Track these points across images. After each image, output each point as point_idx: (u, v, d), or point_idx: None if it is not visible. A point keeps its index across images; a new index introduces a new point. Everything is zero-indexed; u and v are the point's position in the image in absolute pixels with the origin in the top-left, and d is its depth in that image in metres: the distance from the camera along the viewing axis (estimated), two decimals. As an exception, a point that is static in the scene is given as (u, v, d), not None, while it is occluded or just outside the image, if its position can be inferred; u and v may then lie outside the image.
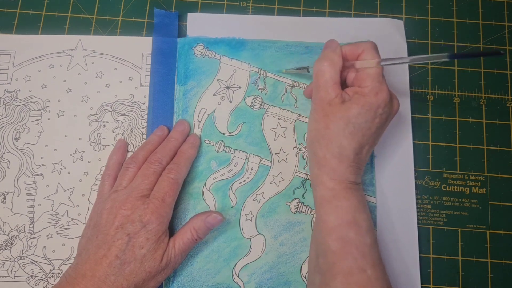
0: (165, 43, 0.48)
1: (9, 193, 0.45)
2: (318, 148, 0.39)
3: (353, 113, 0.37)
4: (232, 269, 0.43)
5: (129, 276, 0.37)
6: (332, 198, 0.38)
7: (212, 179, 0.45)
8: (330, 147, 0.38)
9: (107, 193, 0.41)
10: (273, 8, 0.51)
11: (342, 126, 0.38)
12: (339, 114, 0.38)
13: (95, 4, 0.50)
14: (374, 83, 0.38)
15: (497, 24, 0.51)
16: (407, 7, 0.51)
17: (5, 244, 0.44)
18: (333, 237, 0.36)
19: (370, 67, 0.39)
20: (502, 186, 0.47)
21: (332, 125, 0.38)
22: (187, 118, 0.46)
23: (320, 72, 0.39)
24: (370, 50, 0.39)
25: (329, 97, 0.38)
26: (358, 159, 0.39)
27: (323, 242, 0.37)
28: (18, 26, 0.49)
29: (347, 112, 0.38)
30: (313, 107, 0.40)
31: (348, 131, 0.38)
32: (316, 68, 0.40)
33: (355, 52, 0.40)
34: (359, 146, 0.38)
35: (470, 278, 0.44)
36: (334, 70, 0.39)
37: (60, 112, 0.47)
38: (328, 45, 0.41)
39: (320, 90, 0.39)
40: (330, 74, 0.39)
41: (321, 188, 0.39)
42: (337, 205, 0.37)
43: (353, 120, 0.37)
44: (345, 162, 0.38)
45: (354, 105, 0.38)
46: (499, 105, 0.49)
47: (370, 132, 0.38)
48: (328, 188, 0.38)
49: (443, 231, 0.45)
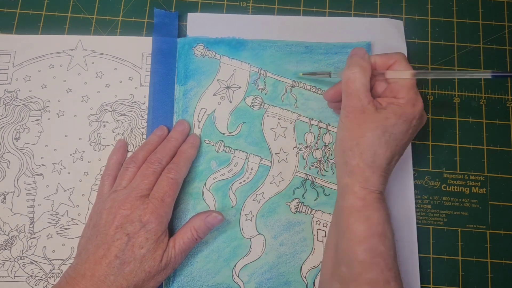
0: (165, 43, 0.48)
1: (9, 193, 0.45)
2: (351, 156, 0.38)
3: (391, 122, 0.37)
4: (232, 269, 0.43)
5: (129, 276, 0.37)
6: (362, 207, 0.37)
7: (212, 179, 0.45)
8: (365, 155, 0.37)
9: (106, 193, 0.41)
10: (273, 8, 0.51)
11: (378, 134, 0.37)
12: (376, 123, 0.37)
13: (95, 4, 0.50)
14: (410, 95, 0.38)
15: (497, 24, 0.51)
16: (407, 7, 0.51)
17: (5, 244, 0.44)
18: (362, 247, 0.36)
19: (405, 78, 0.38)
20: (502, 186, 0.47)
21: (368, 134, 0.37)
22: (187, 118, 0.46)
23: (351, 79, 0.39)
24: (402, 61, 0.39)
25: (361, 104, 0.38)
26: (388, 169, 0.38)
27: (349, 251, 0.37)
28: (18, 26, 0.49)
29: (385, 121, 0.37)
30: (344, 115, 0.39)
31: (384, 140, 0.37)
32: (347, 76, 0.39)
33: (386, 62, 0.40)
34: (391, 155, 0.38)
35: (470, 278, 0.44)
36: (365, 77, 0.39)
37: (60, 112, 0.47)
38: (356, 52, 0.40)
39: (352, 98, 0.38)
40: (361, 80, 0.38)
41: (351, 197, 0.38)
42: (368, 215, 0.37)
43: (390, 129, 0.37)
44: (378, 171, 0.38)
45: (391, 115, 0.37)
46: (499, 105, 0.49)
47: (402, 142, 0.38)
48: (359, 198, 0.37)
49: (443, 231, 0.45)
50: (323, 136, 0.46)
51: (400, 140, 0.38)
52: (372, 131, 0.37)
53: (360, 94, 0.38)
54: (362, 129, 0.38)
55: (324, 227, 0.44)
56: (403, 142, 0.38)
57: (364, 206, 0.37)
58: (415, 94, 0.38)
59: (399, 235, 0.44)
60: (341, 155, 0.39)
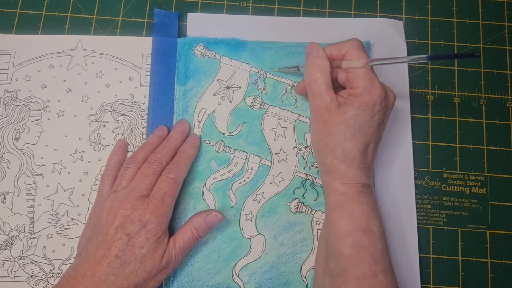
0: (165, 43, 0.48)
1: (9, 193, 0.45)
2: (324, 156, 0.39)
3: (351, 115, 0.37)
4: (232, 269, 0.43)
5: (129, 276, 0.37)
6: (344, 202, 0.38)
7: (212, 179, 0.45)
8: (335, 152, 0.38)
9: (106, 193, 0.41)
10: (273, 8, 0.51)
11: (342, 130, 0.38)
12: (338, 118, 0.38)
13: (95, 4, 0.50)
14: (365, 82, 0.38)
15: (497, 24, 0.51)
16: (407, 7, 0.51)
17: (5, 244, 0.44)
18: (346, 242, 0.36)
19: (356, 67, 0.39)
20: (502, 186, 0.47)
21: (333, 131, 0.38)
22: (187, 118, 0.46)
23: (312, 81, 0.39)
24: (354, 49, 0.39)
25: (325, 103, 0.39)
26: (365, 159, 0.39)
27: (335, 247, 0.37)
28: (18, 26, 0.49)
29: (345, 115, 0.38)
30: (312, 116, 0.40)
31: (350, 134, 0.38)
32: (307, 78, 0.40)
33: (340, 52, 0.40)
34: (363, 146, 0.38)
35: (470, 278, 0.44)
36: (324, 75, 0.39)
37: (60, 112, 0.47)
38: (311, 51, 0.41)
39: (315, 98, 0.39)
40: (321, 80, 0.39)
41: (333, 194, 0.38)
42: (350, 210, 0.37)
43: (351, 122, 0.37)
44: (353, 164, 0.38)
45: (350, 107, 0.38)
46: (499, 105, 0.49)
47: (371, 130, 0.38)
48: (340, 193, 0.38)
49: (443, 231, 0.45)
50: (323, 136, 0.46)
51: (367, 128, 0.38)
52: (335, 127, 0.38)
53: (323, 93, 0.39)
54: (328, 127, 0.38)
55: (324, 227, 0.44)
56: (371, 130, 0.38)
57: (346, 201, 0.38)
58: (369, 80, 0.38)
59: (400, 235, 0.44)
60: (317, 155, 0.40)
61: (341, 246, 0.36)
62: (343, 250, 0.36)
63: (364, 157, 0.38)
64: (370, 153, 0.39)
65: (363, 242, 0.36)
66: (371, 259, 0.36)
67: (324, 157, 0.39)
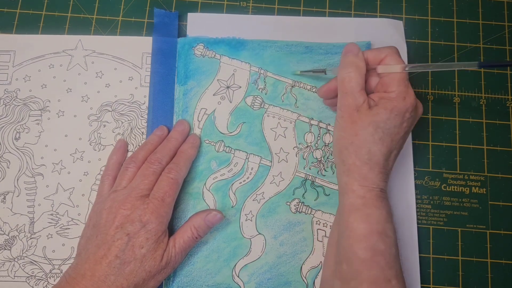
0: (165, 43, 0.48)
1: (9, 193, 0.45)
2: (347, 155, 0.38)
3: (382, 118, 0.37)
4: (232, 269, 0.43)
5: (129, 276, 0.37)
6: (362, 206, 0.37)
7: (212, 179, 0.45)
8: (360, 153, 0.38)
9: (106, 193, 0.41)
10: (273, 8, 0.51)
11: (371, 131, 0.37)
12: (368, 119, 0.37)
13: (95, 4, 0.50)
14: (400, 88, 0.38)
15: (497, 24, 0.51)
16: (407, 7, 0.51)
17: (5, 244, 0.44)
18: (362, 245, 0.36)
19: (395, 72, 0.38)
20: (502, 186, 0.47)
21: (361, 131, 0.37)
22: (187, 118, 0.46)
23: (347, 79, 0.39)
24: (393, 55, 0.39)
25: (356, 103, 0.38)
26: (386, 164, 0.38)
27: (349, 250, 0.37)
28: (18, 26, 0.49)
29: (376, 117, 0.37)
30: (340, 115, 0.39)
31: (378, 137, 0.37)
32: (342, 76, 0.39)
33: (378, 57, 0.40)
34: (388, 151, 0.38)
35: (470, 278, 0.44)
36: (359, 75, 0.39)
37: (60, 112, 0.47)
38: (349, 50, 0.40)
39: (347, 97, 0.39)
40: (356, 80, 0.38)
41: (351, 196, 0.38)
42: (368, 213, 0.37)
43: (382, 125, 0.37)
44: (376, 168, 0.38)
45: (382, 110, 0.37)
46: (499, 105, 0.49)
47: (398, 137, 0.38)
48: (358, 196, 0.38)
49: (443, 231, 0.45)
50: (323, 136, 0.46)
51: (395, 134, 0.38)
52: (365, 128, 0.37)
53: (355, 93, 0.38)
54: (356, 127, 0.38)
55: (324, 227, 0.44)
56: (398, 136, 0.38)
57: (364, 204, 0.37)
58: (405, 87, 0.38)
59: (400, 235, 0.44)
60: (338, 154, 0.40)
61: (356, 249, 0.36)
62: (358, 253, 0.36)
63: (387, 162, 0.38)
64: (392, 159, 0.39)
65: (379, 246, 0.36)
66: (385, 263, 0.36)
67: (347, 156, 0.38)
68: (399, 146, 0.39)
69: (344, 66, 0.39)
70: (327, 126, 0.47)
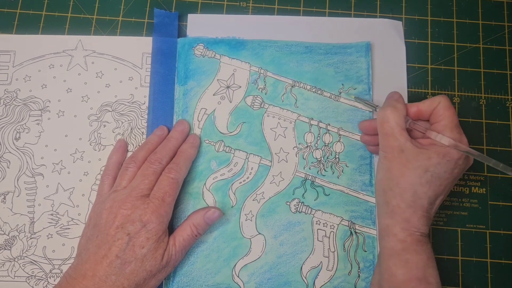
0: (165, 43, 0.48)
1: (9, 193, 0.45)
2: (391, 197, 0.38)
3: (433, 162, 0.37)
4: (232, 269, 0.43)
5: (130, 276, 0.37)
6: (401, 250, 0.37)
7: (212, 179, 0.45)
8: (405, 195, 0.37)
9: (106, 193, 0.41)
10: (273, 8, 0.51)
11: (419, 174, 0.37)
12: (417, 162, 0.37)
13: (95, 4, 0.50)
14: (454, 135, 0.38)
15: (497, 24, 0.51)
16: (407, 7, 0.51)
17: (5, 244, 0.44)
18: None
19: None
20: (502, 186, 0.47)
21: (408, 173, 0.37)
22: (187, 118, 0.46)
23: (385, 119, 0.39)
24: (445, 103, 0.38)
25: (398, 143, 0.38)
26: (430, 209, 0.38)
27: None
28: (18, 26, 0.49)
29: (427, 161, 0.37)
30: (383, 156, 0.39)
31: (425, 180, 0.37)
32: (380, 116, 0.39)
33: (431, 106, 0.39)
34: (434, 195, 0.37)
35: (470, 278, 0.44)
36: (398, 116, 0.38)
37: (60, 112, 0.47)
38: (390, 96, 0.41)
39: (388, 138, 0.38)
40: (395, 120, 0.38)
41: (392, 239, 0.37)
42: (407, 259, 0.36)
43: (431, 169, 0.37)
44: (419, 212, 0.37)
45: (434, 154, 0.37)
46: (499, 105, 0.49)
47: (447, 182, 0.37)
48: (399, 240, 0.37)
49: (443, 231, 0.45)
50: (323, 136, 0.46)
51: (444, 179, 0.37)
52: (413, 170, 0.37)
53: (396, 133, 0.38)
54: (403, 168, 0.37)
55: (324, 227, 0.44)
56: (447, 181, 0.37)
57: (404, 249, 0.37)
58: (459, 134, 0.38)
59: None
60: (382, 194, 0.39)
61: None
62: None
63: (431, 207, 0.38)
64: (436, 205, 0.38)
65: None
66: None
67: (392, 197, 0.38)
68: (446, 192, 0.38)
69: (383, 108, 0.39)
70: (327, 126, 0.47)
